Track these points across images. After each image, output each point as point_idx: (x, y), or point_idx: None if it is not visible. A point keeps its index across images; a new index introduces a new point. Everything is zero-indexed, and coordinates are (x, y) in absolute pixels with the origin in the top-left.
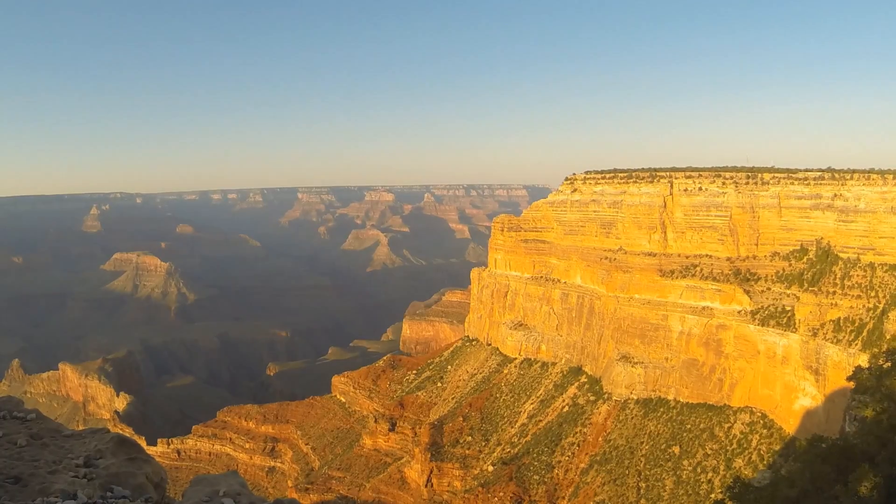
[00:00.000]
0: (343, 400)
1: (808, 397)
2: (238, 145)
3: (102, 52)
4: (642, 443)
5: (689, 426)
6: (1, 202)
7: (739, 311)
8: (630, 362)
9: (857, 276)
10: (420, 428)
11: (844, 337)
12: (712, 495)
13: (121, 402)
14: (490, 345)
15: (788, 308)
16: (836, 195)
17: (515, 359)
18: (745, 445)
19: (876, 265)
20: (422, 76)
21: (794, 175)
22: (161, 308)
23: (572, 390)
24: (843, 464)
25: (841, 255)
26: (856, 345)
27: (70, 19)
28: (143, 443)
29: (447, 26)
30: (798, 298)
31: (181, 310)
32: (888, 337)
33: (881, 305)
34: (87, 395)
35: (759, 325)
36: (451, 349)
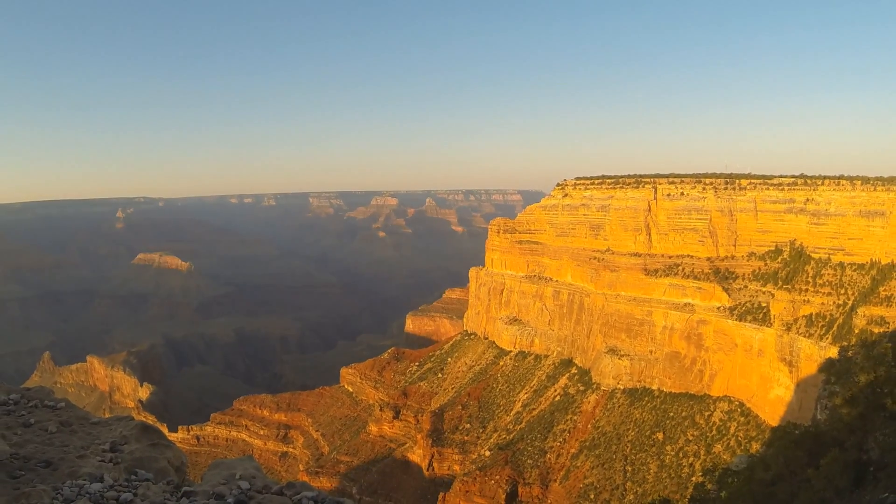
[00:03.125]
0: (351, 390)
1: (783, 387)
2: (254, 153)
3: (127, 71)
4: (628, 429)
5: (671, 414)
6: (34, 206)
7: (718, 308)
8: (617, 355)
9: (828, 274)
10: (422, 416)
11: (816, 331)
12: (693, 478)
13: (144, 392)
14: (487, 339)
15: (764, 304)
16: (808, 200)
17: (511, 352)
18: (723, 432)
19: (845, 264)
20: (423, 89)
21: (769, 181)
22: (181, 304)
23: (563, 381)
24: (815, 449)
25: (813, 255)
26: (826, 338)
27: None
28: (164, 430)
29: (447, 45)
30: (773, 295)
31: (200, 306)
32: (857, 331)
33: (850, 302)
34: (112, 386)
35: (736, 320)
36: (451, 343)
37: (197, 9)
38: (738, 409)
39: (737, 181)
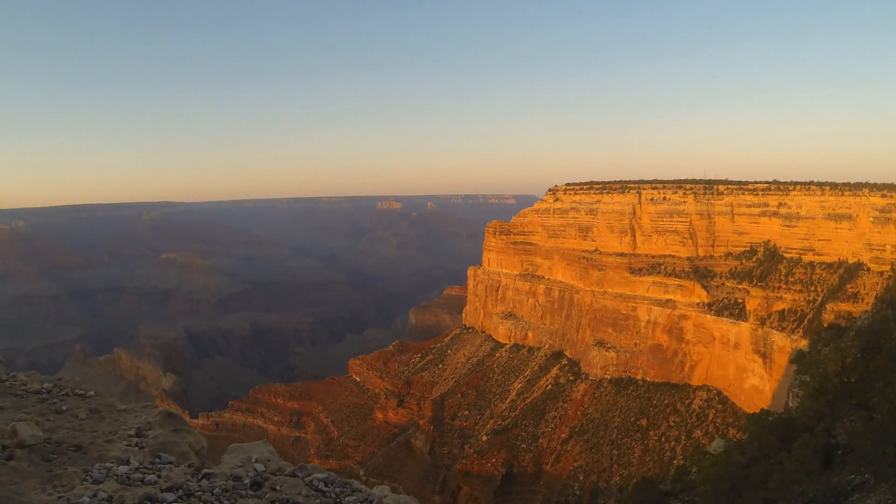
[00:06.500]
0: (358, 379)
1: (757, 377)
2: (268, 161)
3: (149, 86)
4: (614, 416)
5: (654, 402)
6: (65, 210)
7: (698, 304)
8: (604, 347)
9: (799, 273)
10: (424, 404)
11: (788, 325)
12: (675, 461)
13: (167, 382)
14: (484, 332)
15: (740, 301)
16: (780, 204)
17: (506, 344)
18: (702, 418)
19: (815, 264)
20: (423, 100)
21: (744, 186)
22: (202, 301)
23: (555, 371)
24: (787, 434)
25: (785, 255)
26: (798, 332)
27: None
28: (186, 416)
29: (448, 65)
30: (748, 292)
31: (219, 302)
32: (825, 325)
33: (819, 298)
34: (138, 376)
35: (714, 315)
36: (451, 336)
37: (216, 29)
38: (716, 398)
39: (715, 187)
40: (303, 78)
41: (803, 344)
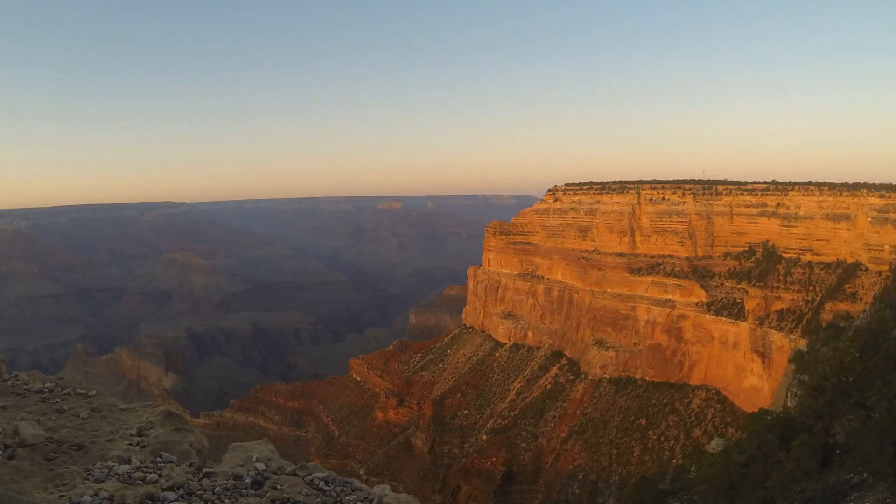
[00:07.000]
0: (358, 379)
1: (756, 376)
2: (269, 161)
3: (154, 90)
4: (614, 416)
5: (654, 401)
6: (67, 210)
7: (697, 303)
8: (603, 347)
9: (798, 273)
10: (424, 403)
11: (786, 325)
12: (674, 460)
13: (168, 381)
14: (484, 332)
15: (739, 300)
16: (779, 204)
17: (506, 344)
18: (701, 418)
19: (814, 264)
20: (422, 104)
21: (743, 186)
22: (203, 300)
23: (554, 371)
24: (786, 433)
25: (784, 255)
26: (796, 332)
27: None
28: (187, 415)
29: (448, 73)
30: (747, 292)
31: (220, 302)
32: (824, 325)
33: (818, 298)
34: (139, 375)
35: (713, 315)
36: (451, 336)
37: (216, 28)
38: (715, 397)
39: (714, 187)
40: (303, 78)
41: (802, 343)
